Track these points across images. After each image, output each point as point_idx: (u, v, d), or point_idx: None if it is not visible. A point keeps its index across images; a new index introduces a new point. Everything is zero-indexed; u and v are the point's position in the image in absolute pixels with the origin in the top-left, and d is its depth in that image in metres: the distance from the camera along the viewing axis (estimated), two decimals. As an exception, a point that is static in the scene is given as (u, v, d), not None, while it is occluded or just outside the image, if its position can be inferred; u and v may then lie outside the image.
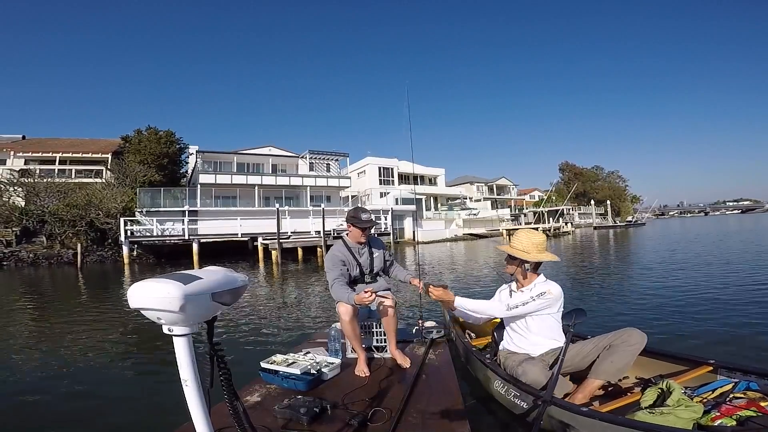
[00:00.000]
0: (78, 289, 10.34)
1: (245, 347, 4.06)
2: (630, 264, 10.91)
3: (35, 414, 2.66)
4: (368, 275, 2.72)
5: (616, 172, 68.71)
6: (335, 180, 29.03)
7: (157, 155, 24.41)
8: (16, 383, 3.26)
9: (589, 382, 2.07)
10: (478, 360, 2.48)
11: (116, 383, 3.23)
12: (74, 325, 5.55)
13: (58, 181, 20.71)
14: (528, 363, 2.10)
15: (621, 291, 6.53)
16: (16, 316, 6.60)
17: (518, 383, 2.06)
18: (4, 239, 18.70)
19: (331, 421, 1.87)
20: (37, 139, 28.12)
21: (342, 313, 2.42)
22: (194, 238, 17.46)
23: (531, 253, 2.29)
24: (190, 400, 0.87)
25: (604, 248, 17.23)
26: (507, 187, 53.34)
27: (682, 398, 1.75)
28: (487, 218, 38.29)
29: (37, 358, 3.99)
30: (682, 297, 5.55)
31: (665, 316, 4.56)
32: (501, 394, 2.18)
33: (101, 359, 3.92)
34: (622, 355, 2.02)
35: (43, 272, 14.93)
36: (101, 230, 18.78)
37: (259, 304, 6.81)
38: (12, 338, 4.93)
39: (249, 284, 0.96)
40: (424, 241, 28.14)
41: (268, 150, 31.42)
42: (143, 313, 0.80)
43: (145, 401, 2.82)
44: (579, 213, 48.99)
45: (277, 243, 15.64)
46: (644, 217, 62.39)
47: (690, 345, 3.45)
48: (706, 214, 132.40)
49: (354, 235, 2.67)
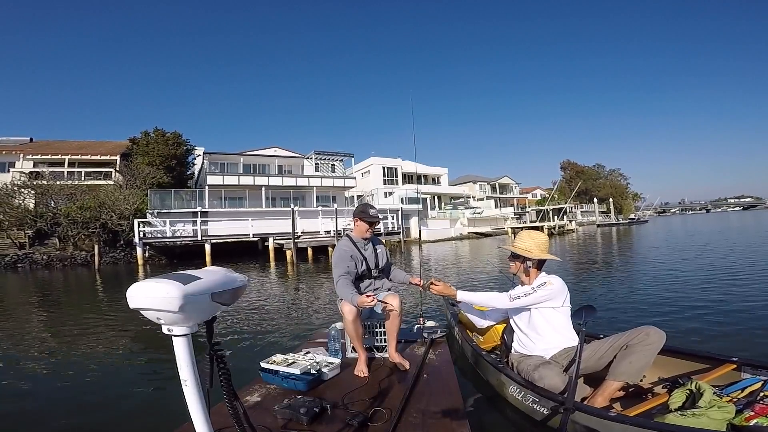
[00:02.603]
0: (95, 291, 10.51)
1: (245, 347, 4.05)
2: (637, 260, 10.96)
3: (35, 414, 2.66)
4: (375, 270, 2.72)
5: (618, 170, 69.08)
6: (341, 180, 29.22)
7: (165, 157, 24.62)
8: (17, 383, 3.27)
9: (607, 384, 2.00)
10: (489, 364, 2.41)
11: (117, 383, 3.23)
12: (89, 326, 5.59)
13: (72, 184, 20.93)
14: (544, 368, 2.05)
15: (630, 288, 6.51)
16: (34, 316, 6.69)
17: (536, 389, 2.00)
18: (18, 241, 18.93)
19: (331, 421, 1.87)
20: (44, 141, 28.31)
21: (346, 313, 2.42)
22: (207, 239, 17.65)
23: (533, 252, 2.31)
24: (189, 400, 0.87)
25: (610, 245, 17.42)
26: (509, 185, 53.48)
27: (714, 398, 1.70)
28: (491, 217, 38.48)
29: (43, 357, 4.03)
30: (692, 293, 5.59)
31: (677, 312, 4.55)
32: (517, 400, 2.13)
33: (104, 359, 3.95)
34: (641, 354, 1.96)
35: (58, 274, 15.07)
36: (114, 232, 18.99)
37: (261, 303, 6.81)
38: (24, 337, 4.99)
39: (248, 284, 0.97)
40: (429, 240, 28.31)
41: (274, 151, 31.63)
42: (143, 313, 0.80)
43: (145, 401, 2.81)
44: (581, 211, 49.19)
45: (293, 243, 15.84)
46: (646, 215, 62.61)
47: (706, 342, 3.43)
48: (707, 212, 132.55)
49: (360, 230, 2.67)
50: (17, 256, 17.87)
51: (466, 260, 14.41)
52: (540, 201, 50.36)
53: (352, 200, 30.63)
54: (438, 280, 2.52)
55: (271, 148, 32.14)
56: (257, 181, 25.28)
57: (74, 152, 25.55)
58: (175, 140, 25.89)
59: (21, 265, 17.58)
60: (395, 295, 2.54)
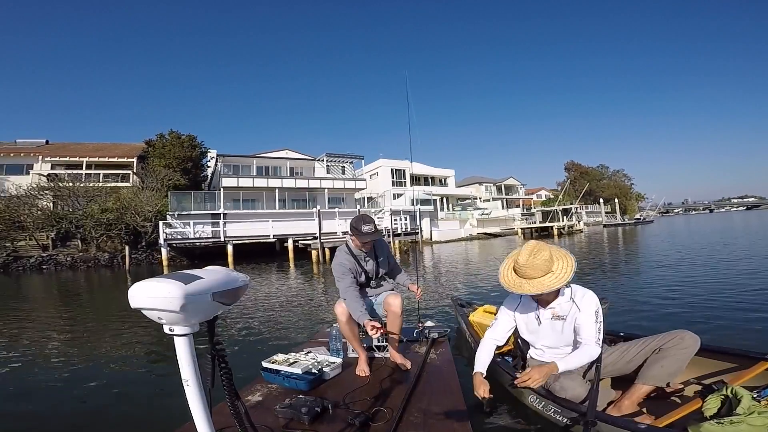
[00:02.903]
0: (124, 291, 10.67)
1: (246, 347, 4.04)
2: (649, 259, 10.87)
3: (35, 413, 2.64)
4: (374, 281, 2.69)
5: (621, 170, 69.36)
6: (352, 182, 29.58)
7: (182, 159, 24.96)
8: (17, 383, 3.28)
9: (636, 388, 1.92)
10: (505, 372, 2.31)
11: (118, 382, 3.22)
12: (105, 327, 5.55)
13: (95, 186, 21.31)
14: (566, 378, 1.94)
15: (646, 286, 6.40)
16: (56, 317, 6.73)
17: (557, 399, 1.92)
18: (41, 243, 19.27)
19: (332, 420, 1.87)
20: (60, 143, 28.68)
21: (339, 314, 2.43)
22: (228, 240, 18.00)
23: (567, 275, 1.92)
24: (191, 399, 0.87)
25: (619, 245, 17.55)
26: (515, 186, 53.79)
27: (753, 404, 1.60)
28: (499, 218, 38.90)
29: (44, 357, 4.05)
30: (711, 289, 5.55)
31: (698, 309, 4.48)
32: (538, 409, 2.06)
33: (109, 358, 3.95)
34: (674, 359, 1.87)
35: (88, 275, 15.35)
36: (136, 233, 19.33)
37: (264, 303, 6.78)
38: (41, 338, 5.00)
39: (249, 284, 0.97)
40: (441, 240, 28.63)
41: (285, 153, 31.96)
42: (144, 313, 0.80)
43: (146, 400, 2.81)
44: (586, 211, 49.45)
45: (319, 243, 16.31)
46: (651, 215, 62.87)
47: (734, 339, 3.28)
48: (710, 212, 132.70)
49: (357, 244, 2.61)
50: (42, 258, 18.21)
51: (477, 260, 14.57)
52: (545, 202, 50.62)
53: (363, 202, 30.97)
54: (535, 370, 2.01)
55: (282, 150, 32.46)
56: (271, 183, 25.65)
57: (91, 154, 25.87)
58: (190, 143, 26.24)
59: (46, 267, 17.91)
60: (397, 295, 2.53)
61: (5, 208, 18.83)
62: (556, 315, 2.05)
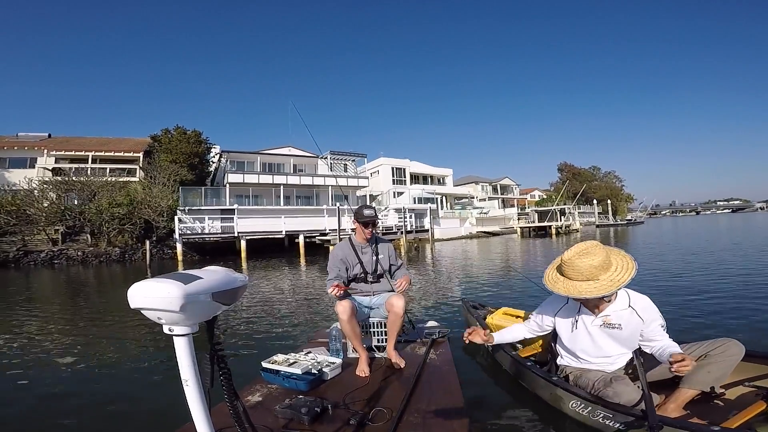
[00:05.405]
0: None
1: (246, 347, 4.05)
2: (654, 258, 10.92)
3: (35, 413, 2.64)
4: (371, 275, 2.74)
5: (613, 172, 70.79)
6: (355, 180, 30.01)
7: (188, 155, 25.04)
8: (18, 383, 3.25)
9: (681, 392, 1.92)
10: (540, 377, 2.28)
11: (118, 382, 3.22)
12: (108, 327, 5.44)
13: (107, 180, 21.35)
14: (618, 383, 1.94)
15: (662, 285, 6.41)
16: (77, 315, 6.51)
17: (609, 405, 1.90)
18: (50, 237, 19.32)
19: (332, 420, 1.88)
20: (63, 137, 28.42)
21: (340, 312, 2.44)
22: (241, 235, 18.34)
23: (624, 279, 1.89)
24: (190, 400, 0.87)
25: (619, 245, 17.85)
26: (510, 186, 54.75)
27: None
28: (497, 217, 39.82)
29: (45, 357, 4.00)
30: (727, 287, 5.69)
31: (726, 310, 4.50)
32: (582, 415, 2.01)
33: (109, 358, 3.92)
34: (720, 365, 1.90)
35: (95, 270, 15.30)
36: (147, 228, 19.50)
37: (265, 302, 6.75)
38: (45, 336, 4.95)
39: (248, 284, 0.99)
40: (442, 238, 29.24)
41: (288, 150, 32.21)
42: (144, 313, 0.80)
43: (145, 401, 2.79)
44: (579, 212, 50.53)
45: (338, 239, 16.80)
46: (641, 217, 64.54)
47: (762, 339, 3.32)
48: (697, 213, 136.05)
49: (359, 233, 2.71)
50: (53, 252, 18.27)
51: (479, 257, 14.87)
52: (539, 202, 51.62)
53: (366, 200, 31.40)
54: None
55: (286, 147, 32.68)
56: (276, 180, 25.91)
57: (96, 149, 25.75)
58: (196, 138, 26.31)
59: (57, 262, 17.97)
60: (400, 297, 2.57)
61: (15, 202, 18.84)
62: (609, 323, 2.02)
